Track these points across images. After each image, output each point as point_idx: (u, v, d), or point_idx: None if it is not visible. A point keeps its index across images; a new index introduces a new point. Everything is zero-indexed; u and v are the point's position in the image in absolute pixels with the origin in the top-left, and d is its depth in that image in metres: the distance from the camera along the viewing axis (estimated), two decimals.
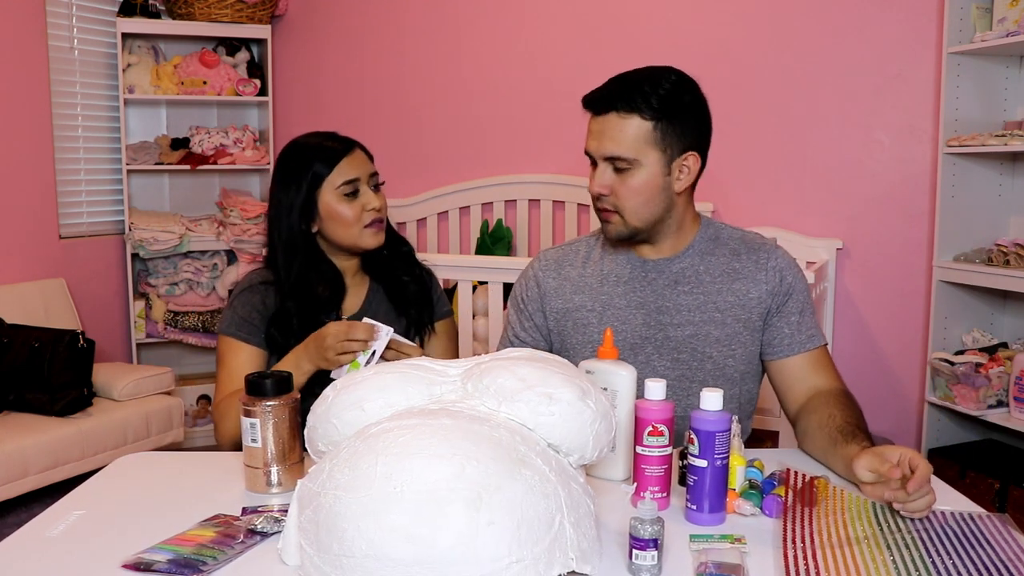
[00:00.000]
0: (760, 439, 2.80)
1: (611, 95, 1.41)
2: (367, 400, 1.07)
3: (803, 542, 1.05)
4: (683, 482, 1.20)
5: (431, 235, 3.98)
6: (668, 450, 1.17)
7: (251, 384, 1.24)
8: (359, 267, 1.70)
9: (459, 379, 1.10)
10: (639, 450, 1.17)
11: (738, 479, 1.20)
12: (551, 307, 1.56)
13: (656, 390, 1.17)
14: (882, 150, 3.10)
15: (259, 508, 1.18)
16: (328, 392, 1.12)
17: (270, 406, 1.23)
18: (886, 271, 3.13)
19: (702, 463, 1.12)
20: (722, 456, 1.12)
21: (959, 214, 2.86)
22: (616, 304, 1.51)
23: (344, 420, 1.07)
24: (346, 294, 1.67)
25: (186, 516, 1.15)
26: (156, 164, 3.90)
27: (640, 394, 1.20)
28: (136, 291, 3.91)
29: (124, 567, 1.01)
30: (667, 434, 1.16)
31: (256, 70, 4.07)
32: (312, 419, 1.12)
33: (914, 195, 3.05)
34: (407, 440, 0.94)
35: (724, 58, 3.31)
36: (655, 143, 1.40)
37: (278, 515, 1.12)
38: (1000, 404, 2.72)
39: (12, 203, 3.38)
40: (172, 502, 1.22)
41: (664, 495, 1.18)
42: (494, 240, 3.75)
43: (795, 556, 1.01)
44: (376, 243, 1.64)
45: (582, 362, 1.29)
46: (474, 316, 3.10)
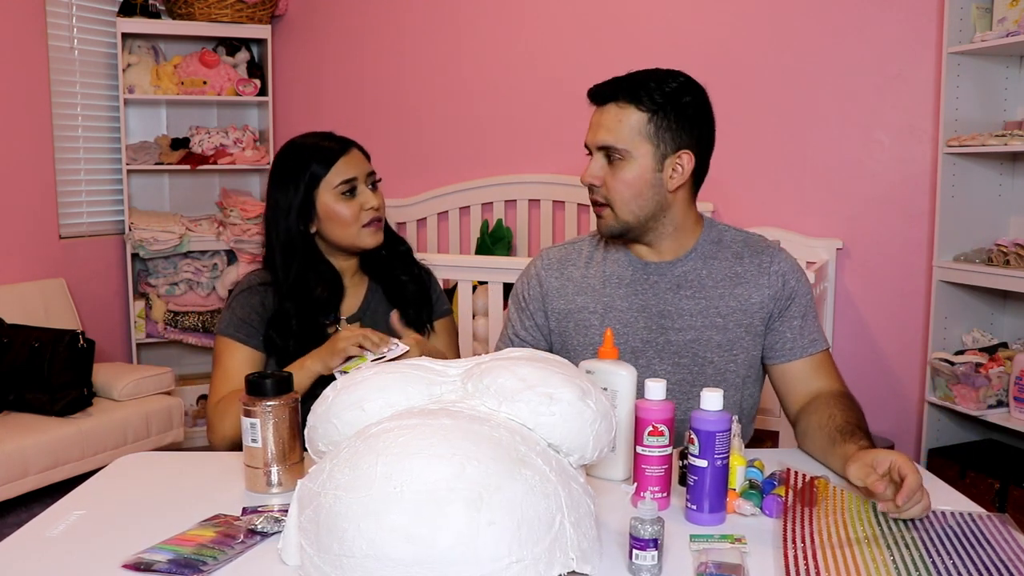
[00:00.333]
0: (760, 439, 2.80)
1: (614, 87, 1.42)
2: (367, 400, 1.07)
3: (803, 542, 1.05)
4: (683, 482, 1.20)
5: (431, 235, 3.98)
6: (668, 450, 1.17)
7: (251, 384, 1.24)
8: (357, 267, 1.70)
9: (459, 379, 1.10)
10: (639, 450, 1.17)
11: (738, 479, 1.20)
12: (553, 307, 1.56)
13: (656, 390, 1.17)
14: (882, 150, 3.10)
15: (259, 508, 1.18)
16: (328, 392, 1.12)
17: (270, 406, 1.23)
18: (886, 271, 3.13)
19: (702, 463, 1.12)
20: (722, 456, 1.12)
21: (959, 214, 2.86)
22: (618, 307, 1.50)
23: (344, 420, 1.07)
24: (344, 295, 1.67)
25: (186, 516, 1.15)
26: (156, 164, 3.90)
27: (640, 394, 1.20)
28: (136, 291, 3.91)
29: (124, 567, 1.01)
30: (667, 434, 1.16)
31: (256, 70, 4.07)
32: (312, 419, 1.12)
33: (914, 195, 3.05)
34: (407, 440, 0.94)
35: (724, 58, 3.31)
36: (648, 136, 1.40)
37: (278, 515, 1.12)
38: (1000, 404, 2.72)
39: (12, 203, 3.38)
40: (172, 502, 1.22)
41: (664, 495, 1.18)
42: (494, 240, 3.75)
43: (795, 556, 1.01)
44: (375, 243, 1.63)
45: (582, 362, 1.29)
46: (474, 316, 3.10)
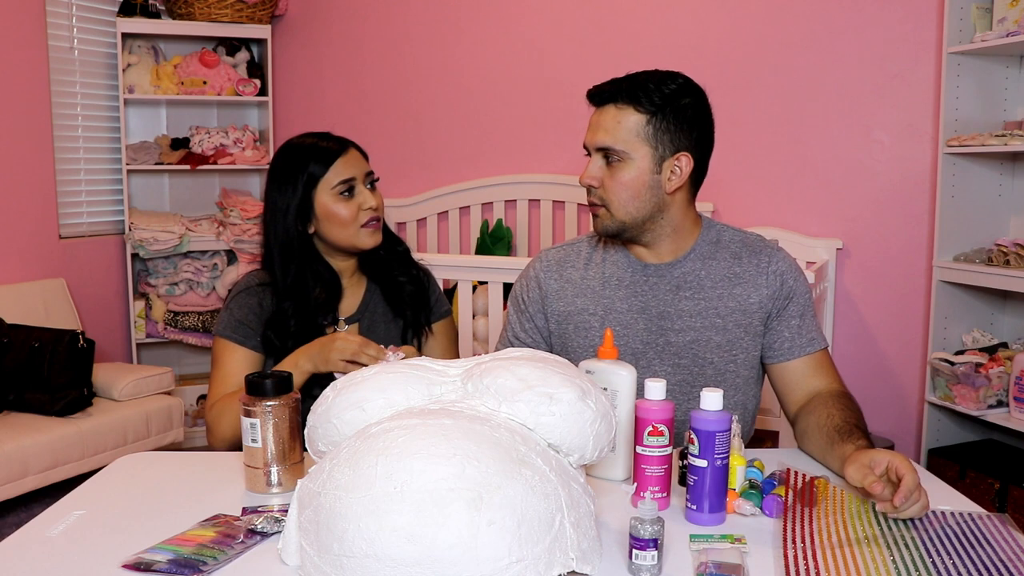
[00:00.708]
0: (760, 439, 2.81)
1: (614, 89, 1.42)
2: (367, 400, 1.07)
3: (803, 542, 1.05)
4: (683, 482, 1.20)
5: (431, 235, 3.98)
6: (668, 450, 1.17)
7: (251, 384, 1.24)
8: (356, 267, 1.70)
9: (459, 379, 1.10)
10: (639, 450, 1.17)
11: (738, 479, 1.20)
12: (552, 309, 1.56)
13: (656, 390, 1.17)
14: (882, 150, 3.10)
15: (259, 508, 1.18)
16: (328, 392, 1.12)
17: (270, 406, 1.23)
18: (886, 271, 3.13)
19: (702, 463, 1.12)
20: (722, 456, 1.12)
21: (959, 214, 2.86)
22: (618, 308, 1.50)
23: (344, 420, 1.07)
24: (342, 296, 1.67)
25: (186, 516, 1.15)
26: (156, 164, 3.90)
27: (640, 394, 1.20)
28: (136, 291, 3.91)
29: (124, 567, 1.01)
30: (667, 434, 1.16)
31: (256, 70, 4.07)
32: (312, 419, 1.12)
33: (914, 195, 3.05)
34: (407, 440, 0.94)
35: (724, 58, 3.31)
36: (647, 139, 1.40)
37: (278, 515, 1.12)
38: (1000, 404, 2.72)
39: (12, 203, 3.38)
40: (172, 502, 1.22)
41: (664, 495, 1.18)
42: (494, 240, 3.75)
43: (795, 556, 1.01)
44: (373, 243, 1.64)
45: (582, 362, 1.29)
46: (474, 316, 3.10)
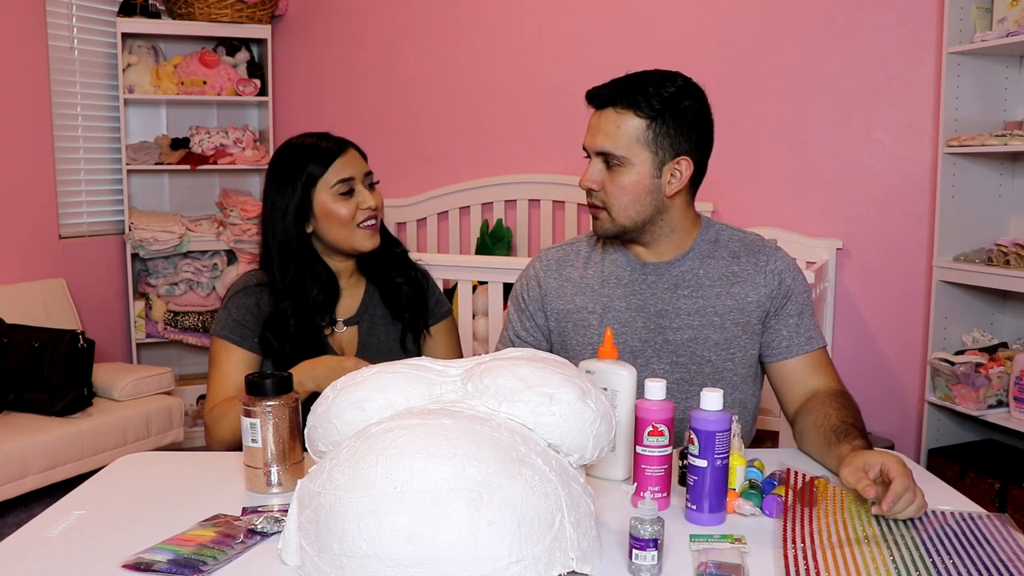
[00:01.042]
0: (760, 439, 2.80)
1: (613, 92, 1.41)
2: (367, 400, 1.07)
3: (803, 542, 1.05)
4: (683, 482, 1.20)
5: (431, 235, 3.98)
6: (668, 450, 1.17)
7: (251, 384, 1.24)
8: (355, 269, 1.70)
9: (459, 379, 1.10)
10: (639, 450, 1.17)
11: (738, 479, 1.20)
12: (552, 308, 1.56)
13: (656, 390, 1.17)
14: (882, 150, 3.10)
15: (259, 508, 1.18)
16: (328, 392, 1.12)
17: (270, 406, 1.23)
18: (886, 271, 3.13)
19: (702, 463, 1.12)
20: (722, 456, 1.12)
21: (959, 214, 2.86)
22: (617, 307, 1.51)
23: (344, 420, 1.07)
24: (340, 297, 1.67)
25: (186, 516, 1.15)
26: (156, 164, 3.90)
27: (640, 394, 1.20)
28: (136, 291, 3.91)
29: (124, 567, 1.01)
30: (667, 434, 1.16)
31: (256, 70, 4.07)
32: (312, 419, 1.12)
33: (914, 195, 3.05)
34: (407, 440, 0.94)
35: (724, 58, 3.31)
36: (647, 143, 1.40)
37: (278, 515, 1.12)
38: (1000, 404, 2.72)
39: (12, 203, 3.38)
40: (172, 502, 1.22)
41: (664, 495, 1.18)
42: (494, 240, 3.75)
43: (795, 556, 1.01)
44: (371, 245, 1.64)
45: (582, 362, 1.29)
46: (474, 316, 3.10)
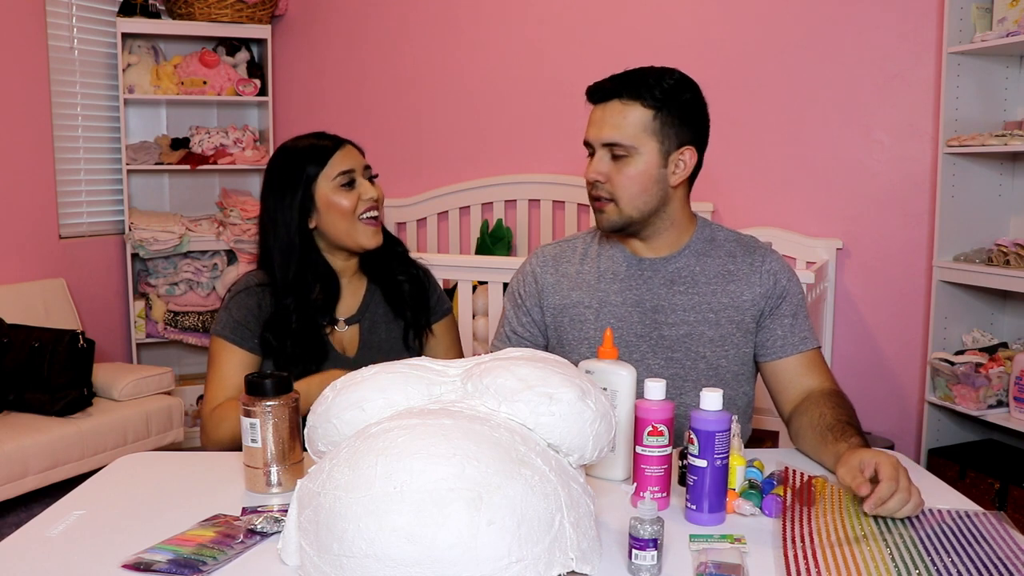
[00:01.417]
0: (760, 439, 2.80)
1: (615, 84, 1.44)
2: (367, 400, 1.07)
3: (803, 541, 1.05)
4: (683, 482, 1.20)
5: (431, 235, 3.98)
6: (668, 450, 1.17)
7: (251, 384, 1.24)
8: (357, 268, 1.70)
9: (459, 379, 1.10)
10: (639, 450, 1.17)
11: (738, 479, 1.20)
12: (548, 303, 1.57)
13: (656, 390, 1.17)
14: (882, 150, 3.10)
15: (259, 508, 1.18)
16: (328, 392, 1.12)
17: (270, 406, 1.23)
18: (886, 271, 3.13)
19: (702, 463, 1.12)
20: (722, 456, 1.12)
21: (959, 214, 2.86)
22: (612, 301, 1.52)
23: (344, 420, 1.07)
24: (341, 296, 1.67)
25: (186, 516, 1.15)
26: (156, 164, 3.90)
27: (640, 394, 1.20)
28: (136, 291, 3.91)
29: (124, 567, 1.01)
30: (667, 434, 1.16)
31: (256, 70, 4.07)
32: (312, 419, 1.12)
33: (914, 195, 3.05)
34: (407, 440, 0.94)
35: (724, 58, 3.31)
36: (654, 133, 1.43)
37: (278, 515, 1.12)
38: (1000, 404, 2.72)
39: (12, 203, 3.38)
40: (172, 502, 1.22)
41: (664, 495, 1.18)
42: (494, 240, 3.75)
43: (795, 555, 1.01)
44: (374, 243, 1.64)
45: (582, 362, 1.30)
46: (474, 316, 3.10)
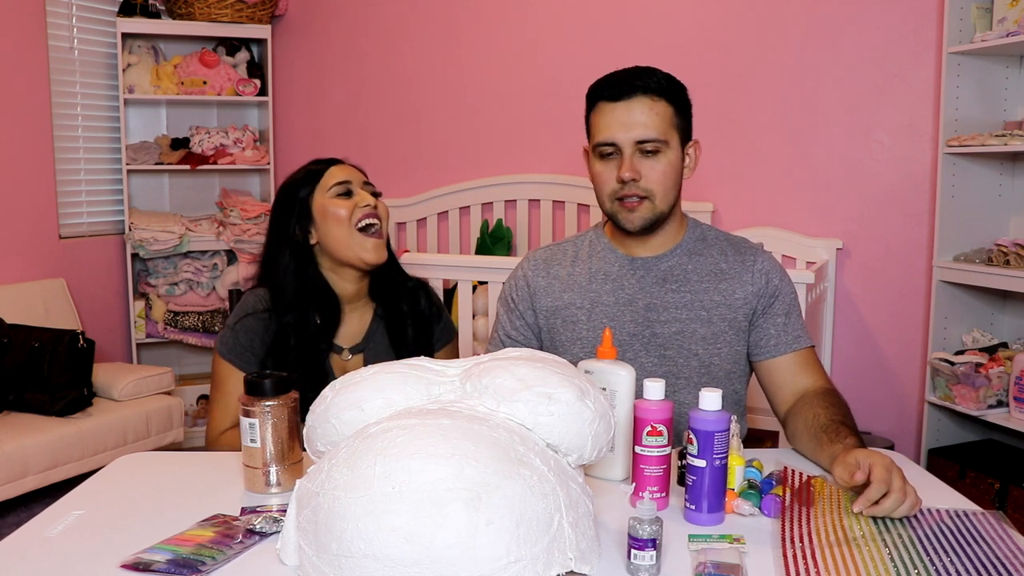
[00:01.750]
0: (760, 439, 2.81)
1: (634, 80, 1.43)
2: (366, 400, 1.07)
3: (801, 541, 1.05)
4: (682, 482, 1.20)
5: (431, 235, 3.98)
6: (667, 450, 1.17)
7: (250, 384, 1.24)
8: (365, 293, 1.67)
9: (458, 379, 1.10)
10: (638, 450, 1.17)
11: (737, 479, 1.20)
12: (541, 305, 1.58)
13: (655, 390, 1.17)
14: (882, 150, 3.10)
15: (258, 508, 1.18)
16: (327, 392, 1.12)
17: (269, 406, 1.23)
18: (886, 271, 3.13)
19: (701, 463, 1.12)
20: (721, 456, 1.12)
21: (959, 214, 2.86)
22: (605, 301, 1.52)
23: (343, 420, 1.07)
24: (343, 321, 1.64)
25: (185, 516, 1.15)
26: (156, 164, 3.90)
27: (639, 394, 1.20)
28: (136, 291, 3.92)
29: (123, 567, 1.01)
30: (666, 434, 1.16)
31: (256, 70, 4.07)
32: (311, 419, 1.12)
33: (914, 195, 3.05)
34: (406, 440, 0.94)
35: (725, 58, 3.31)
36: (676, 127, 1.45)
37: (277, 515, 1.12)
38: (1000, 404, 2.72)
39: (12, 203, 3.38)
40: (171, 502, 1.22)
41: (663, 495, 1.18)
42: (494, 240, 3.75)
43: (794, 556, 1.01)
44: (374, 257, 1.60)
45: (581, 362, 1.30)
46: (474, 316, 3.10)
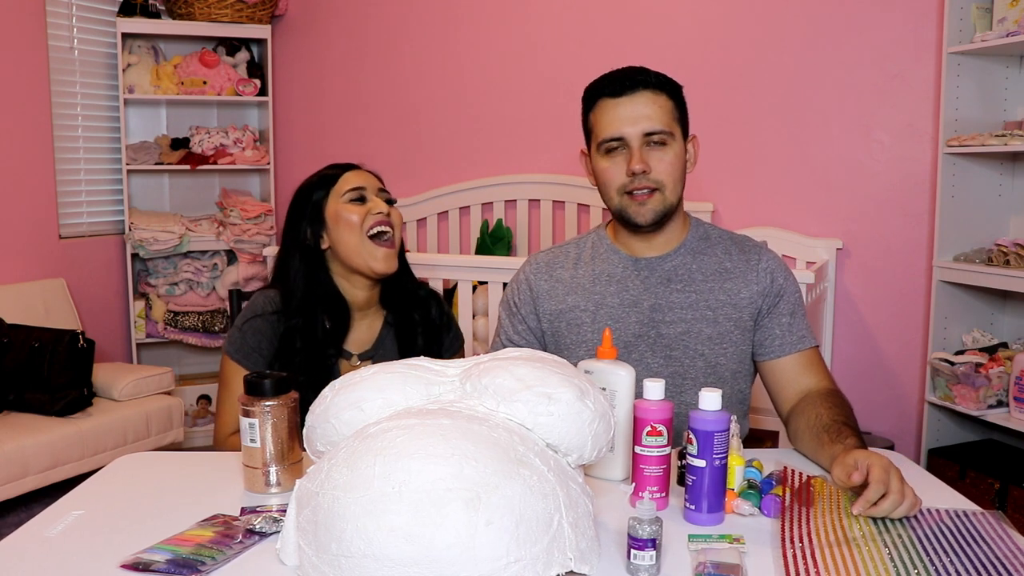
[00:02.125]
0: (760, 439, 2.81)
1: (635, 76, 1.45)
2: (366, 400, 1.07)
3: (801, 542, 1.05)
4: (682, 482, 1.20)
5: (431, 235, 3.98)
6: (667, 450, 1.17)
7: (250, 384, 1.24)
8: (377, 301, 1.66)
9: (457, 379, 1.10)
10: (638, 450, 1.17)
11: (737, 479, 1.20)
12: (544, 309, 1.57)
13: (655, 390, 1.17)
14: (882, 150, 3.10)
15: (258, 508, 1.18)
16: (327, 392, 1.12)
17: (269, 406, 1.23)
18: (886, 271, 3.13)
19: (701, 463, 1.12)
20: (720, 456, 1.12)
21: (959, 214, 2.86)
22: (609, 303, 1.52)
23: (343, 420, 1.07)
24: (352, 327, 1.63)
25: (185, 516, 1.15)
26: (156, 164, 3.91)
27: (639, 394, 1.20)
28: (136, 291, 3.92)
29: (122, 567, 1.01)
30: (666, 434, 1.16)
31: (256, 70, 4.07)
32: (311, 419, 1.12)
33: (914, 195, 3.05)
34: (406, 440, 0.94)
35: (724, 58, 3.31)
36: (678, 121, 1.47)
37: (277, 515, 1.12)
38: (1000, 404, 2.72)
39: (12, 203, 3.38)
40: (171, 502, 1.22)
41: (663, 495, 1.18)
42: (494, 240, 3.75)
43: (794, 556, 1.01)
44: (385, 267, 1.59)
45: (581, 362, 1.30)
46: (474, 316, 3.10)
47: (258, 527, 1.10)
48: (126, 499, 1.24)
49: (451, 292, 3.10)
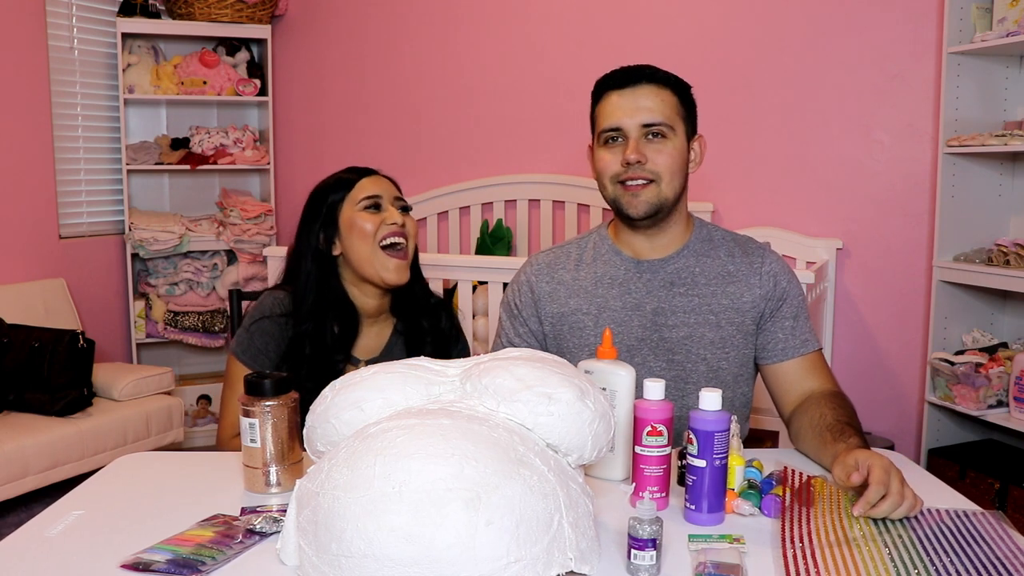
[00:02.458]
0: (760, 439, 2.81)
1: (641, 69, 1.46)
2: (366, 400, 1.07)
3: (801, 542, 1.05)
4: (682, 482, 1.20)
5: (431, 235, 3.98)
6: (667, 450, 1.17)
7: (250, 384, 1.24)
8: (387, 309, 1.65)
9: (458, 379, 1.10)
10: (638, 450, 1.17)
11: (737, 479, 1.20)
12: (546, 312, 1.56)
13: (655, 390, 1.17)
14: (882, 150, 3.10)
15: (258, 508, 1.18)
16: (327, 392, 1.12)
17: (269, 406, 1.23)
18: (886, 271, 3.13)
19: (701, 463, 1.12)
20: (721, 456, 1.12)
21: (959, 214, 2.86)
22: (612, 306, 1.51)
23: (343, 420, 1.07)
24: (361, 334, 1.62)
25: (185, 516, 1.15)
26: (156, 164, 3.91)
27: (639, 394, 1.20)
28: (136, 291, 3.92)
29: (123, 567, 1.01)
30: (666, 434, 1.16)
31: (256, 70, 4.07)
32: (311, 419, 1.12)
33: (914, 195, 3.05)
34: (406, 440, 0.94)
35: (724, 58, 3.31)
36: (682, 116, 1.47)
37: (277, 515, 1.12)
38: (1000, 404, 2.71)
39: (12, 203, 3.38)
40: (171, 502, 1.22)
41: (663, 495, 1.18)
42: (494, 240, 3.75)
43: (794, 556, 1.01)
44: (395, 278, 1.58)
45: (581, 362, 1.29)
46: (474, 316, 3.10)
47: (258, 527, 1.10)
48: (126, 499, 1.24)
49: (451, 292, 3.10)
